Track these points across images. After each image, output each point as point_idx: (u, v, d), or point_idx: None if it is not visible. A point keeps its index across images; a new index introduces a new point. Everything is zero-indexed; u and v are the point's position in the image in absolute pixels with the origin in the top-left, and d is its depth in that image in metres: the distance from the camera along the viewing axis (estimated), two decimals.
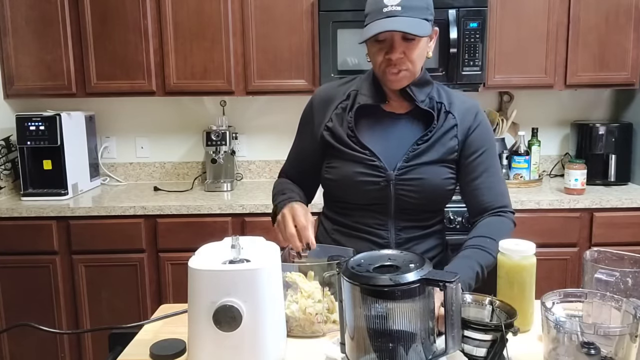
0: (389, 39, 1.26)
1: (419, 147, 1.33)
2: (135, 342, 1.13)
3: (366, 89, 1.39)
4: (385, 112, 1.39)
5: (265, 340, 0.95)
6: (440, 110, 1.36)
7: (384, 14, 1.23)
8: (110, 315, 2.49)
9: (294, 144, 1.53)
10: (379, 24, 1.24)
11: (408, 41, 1.26)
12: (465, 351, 0.97)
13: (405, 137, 1.36)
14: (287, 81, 2.65)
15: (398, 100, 1.38)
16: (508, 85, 2.72)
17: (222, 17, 2.61)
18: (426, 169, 1.34)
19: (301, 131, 1.50)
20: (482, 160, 1.37)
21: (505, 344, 0.95)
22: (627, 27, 2.62)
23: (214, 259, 0.98)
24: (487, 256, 1.24)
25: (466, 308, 1.03)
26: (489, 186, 1.37)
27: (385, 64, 1.29)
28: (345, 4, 2.50)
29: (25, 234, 2.44)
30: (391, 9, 1.23)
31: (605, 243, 2.36)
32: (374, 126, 1.38)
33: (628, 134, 2.76)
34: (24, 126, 2.53)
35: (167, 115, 3.05)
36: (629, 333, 0.88)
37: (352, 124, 1.36)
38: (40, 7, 2.61)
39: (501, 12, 2.61)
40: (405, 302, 0.87)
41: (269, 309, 0.95)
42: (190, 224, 2.44)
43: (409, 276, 0.86)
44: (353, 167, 1.34)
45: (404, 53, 1.27)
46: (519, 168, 2.76)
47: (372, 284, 0.86)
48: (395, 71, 1.29)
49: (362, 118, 1.37)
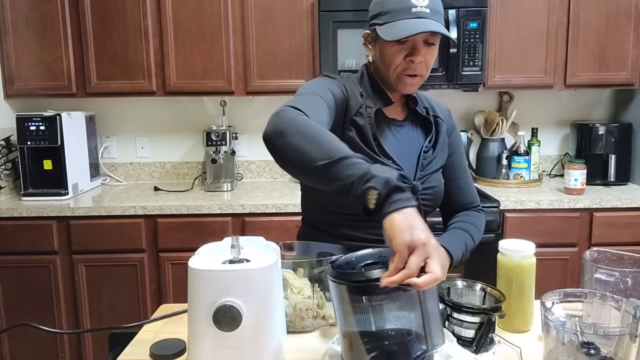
0: (411, 41, 1.20)
1: (426, 154, 1.33)
2: (135, 342, 1.13)
3: (368, 93, 1.30)
4: (389, 118, 1.32)
5: (265, 340, 0.95)
6: (429, 114, 1.36)
7: (413, 14, 1.18)
8: (110, 315, 2.49)
9: (312, 99, 1.12)
10: (411, 23, 1.17)
11: (428, 45, 1.22)
12: (455, 332, 1.02)
13: (412, 145, 1.33)
14: (287, 81, 2.65)
15: (396, 105, 1.34)
16: (508, 85, 2.72)
17: (222, 17, 2.61)
18: (436, 177, 1.35)
19: (329, 96, 1.18)
20: (459, 161, 1.43)
21: (492, 326, 1.01)
22: (627, 27, 2.62)
23: (214, 259, 0.98)
24: (470, 240, 1.32)
25: (459, 292, 1.09)
26: (466, 186, 1.43)
27: (403, 66, 1.22)
28: (345, 4, 2.50)
29: (26, 234, 2.44)
30: (420, 10, 1.18)
31: (605, 243, 2.36)
32: (385, 133, 1.30)
33: (628, 134, 2.76)
34: (24, 126, 2.53)
35: (167, 115, 3.05)
36: (629, 333, 0.88)
37: (374, 130, 1.25)
38: (40, 7, 2.61)
39: (501, 12, 2.61)
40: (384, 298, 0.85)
41: (269, 309, 0.95)
42: (190, 224, 2.45)
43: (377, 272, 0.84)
44: None
45: (423, 57, 1.22)
46: (518, 168, 2.76)
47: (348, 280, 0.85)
48: (413, 75, 1.23)
49: None
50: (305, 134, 0.94)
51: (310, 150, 0.92)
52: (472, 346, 1.00)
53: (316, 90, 1.17)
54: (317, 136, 0.94)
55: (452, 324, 1.03)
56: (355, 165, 0.88)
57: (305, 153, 0.92)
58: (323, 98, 1.14)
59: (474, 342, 1.01)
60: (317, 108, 1.09)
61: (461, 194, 1.42)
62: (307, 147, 0.92)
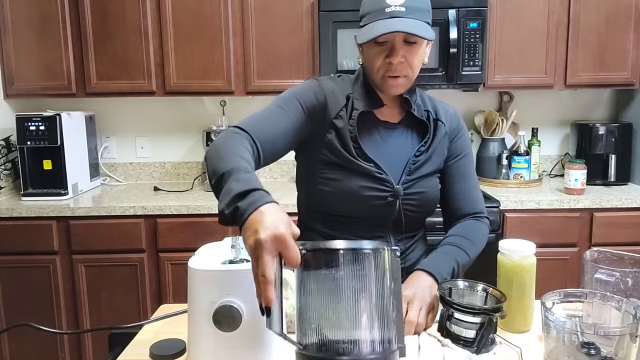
0: (390, 41, 1.19)
1: (418, 159, 1.29)
2: (135, 342, 1.13)
3: (359, 94, 1.28)
4: (379, 120, 1.30)
5: (265, 340, 0.95)
6: (430, 118, 1.32)
7: (387, 14, 1.16)
8: (110, 315, 2.49)
9: (272, 111, 1.22)
10: (382, 24, 1.16)
11: (409, 45, 1.19)
12: (456, 333, 1.02)
13: (403, 148, 1.30)
14: (287, 81, 2.65)
15: (391, 107, 1.32)
16: (508, 85, 2.72)
17: (222, 17, 2.61)
18: (426, 182, 1.30)
19: (295, 104, 1.24)
20: (461, 164, 1.37)
21: (493, 326, 1.01)
22: (627, 27, 2.62)
23: (214, 259, 0.98)
24: (464, 255, 1.27)
25: (460, 292, 1.09)
26: (467, 192, 1.38)
27: (384, 68, 1.21)
28: (345, 4, 2.50)
29: (25, 234, 2.44)
30: (394, 9, 1.16)
31: (605, 243, 2.36)
32: (372, 136, 1.28)
33: (628, 134, 2.76)
34: (24, 126, 2.53)
35: (167, 115, 3.05)
36: (629, 333, 0.88)
37: (354, 132, 1.24)
38: (40, 7, 2.61)
39: (501, 12, 2.61)
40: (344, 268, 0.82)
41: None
42: (190, 224, 2.44)
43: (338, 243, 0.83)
44: (358, 180, 1.24)
45: (404, 57, 1.19)
46: (519, 168, 2.76)
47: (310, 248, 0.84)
48: (395, 76, 1.21)
49: (358, 126, 1.26)
50: (234, 158, 1.01)
51: (211, 168, 1.02)
52: (473, 346, 1.00)
53: (283, 102, 1.24)
54: (220, 157, 1.03)
55: (453, 324, 1.03)
56: (233, 177, 0.94)
57: (210, 169, 1.02)
58: (285, 110, 1.22)
59: (475, 342, 1.01)
60: (269, 123, 1.19)
61: (459, 200, 1.36)
62: (211, 165, 1.03)
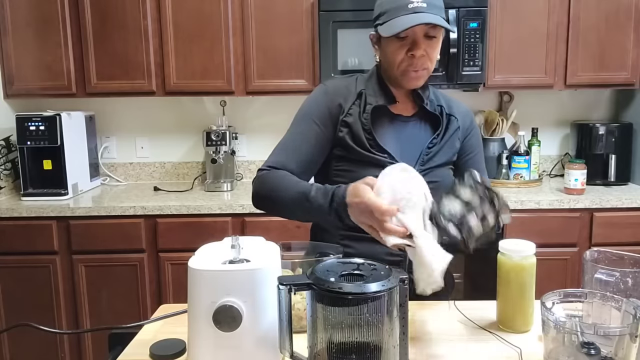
0: (411, 35, 1.26)
1: (431, 150, 1.35)
2: (135, 342, 1.13)
3: (373, 90, 1.36)
4: (393, 114, 1.37)
5: (265, 340, 0.95)
6: (443, 112, 1.38)
7: (410, 10, 1.23)
8: (110, 315, 2.49)
9: (292, 133, 1.37)
10: (408, 18, 1.22)
11: (429, 39, 1.26)
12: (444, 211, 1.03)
13: (416, 140, 1.36)
14: (287, 81, 2.65)
15: (404, 102, 1.39)
16: (508, 85, 2.72)
17: (222, 17, 2.61)
18: (439, 172, 1.35)
19: (309, 120, 1.36)
20: (475, 160, 1.44)
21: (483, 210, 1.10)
22: (627, 27, 2.62)
23: (214, 259, 0.98)
24: None
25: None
26: None
27: (406, 62, 1.28)
28: (345, 4, 2.50)
29: (25, 234, 2.44)
30: (417, 5, 1.23)
31: (605, 243, 2.36)
32: (386, 128, 1.36)
33: (628, 134, 2.76)
34: (24, 126, 2.53)
35: (167, 115, 3.05)
36: (629, 333, 0.88)
37: (368, 126, 1.32)
38: (40, 7, 2.61)
39: (501, 12, 2.61)
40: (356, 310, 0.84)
41: (269, 309, 0.95)
42: (190, 224, 2.44)
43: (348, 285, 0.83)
44: (372, 171, 1.23)
45: (425, 51, 1.26)
46: (519, 168, 2.76)
47: (326, 288, 0.84)
48: (417, 69, 1.28)
49: (372, 120, 1.34)
50: (276, 191, 1.27)
51: (282, 202, 1.26)
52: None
53: (299, 128, 1.37)
54: (283, 188, 1.26)
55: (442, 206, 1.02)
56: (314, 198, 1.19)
57: (282, 204, 1.27)
58: (304, 134, 1.35)
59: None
60: (294, 151, 1.34)
61: None
62: (280, 200, 1.26)
